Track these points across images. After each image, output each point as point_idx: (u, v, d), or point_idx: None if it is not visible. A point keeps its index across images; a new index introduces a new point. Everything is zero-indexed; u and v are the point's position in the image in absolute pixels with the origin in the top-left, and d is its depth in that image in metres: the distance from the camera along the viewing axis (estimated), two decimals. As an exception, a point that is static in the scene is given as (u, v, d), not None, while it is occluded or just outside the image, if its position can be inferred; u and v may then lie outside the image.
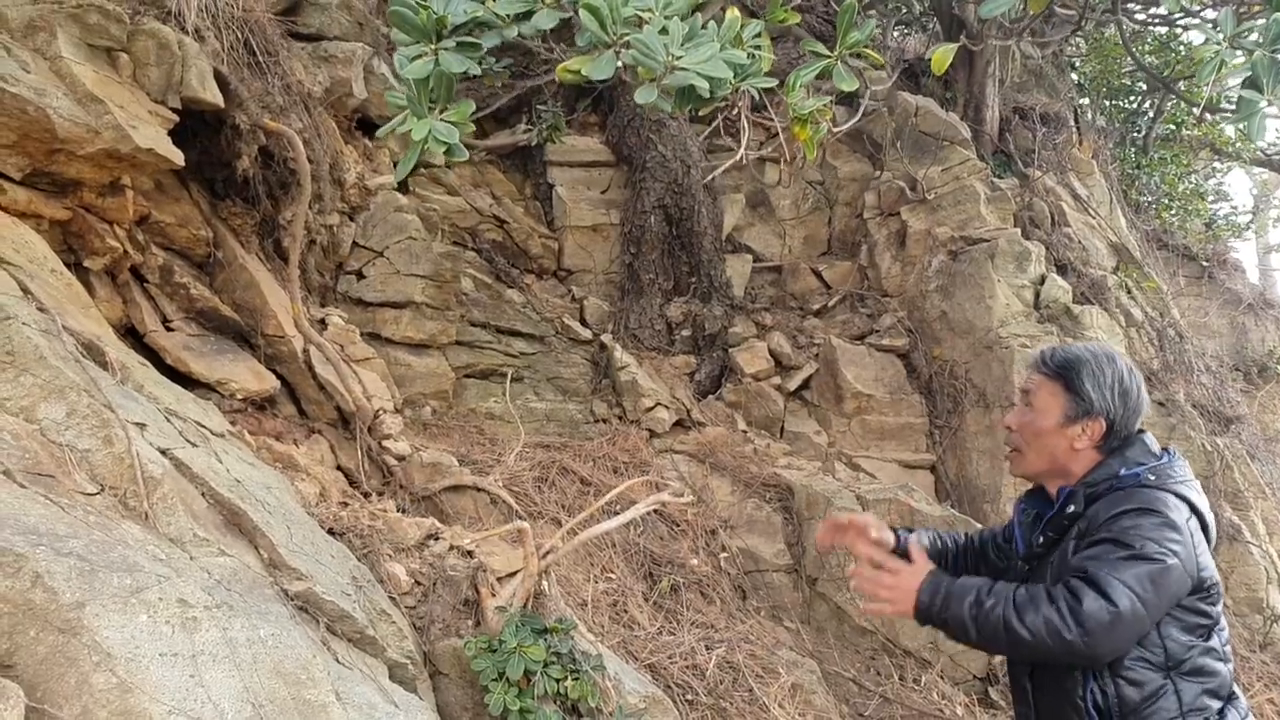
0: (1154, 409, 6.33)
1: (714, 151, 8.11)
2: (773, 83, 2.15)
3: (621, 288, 7.70)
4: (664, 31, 1.88)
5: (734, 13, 2.07)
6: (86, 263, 4.56)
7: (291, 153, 5.01)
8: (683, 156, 7.57)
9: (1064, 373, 2.51)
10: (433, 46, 1.99)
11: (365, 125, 6.85)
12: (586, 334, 7.33)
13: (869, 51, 2.23)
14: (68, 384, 3.24)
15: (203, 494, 3.41)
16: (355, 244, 6.39)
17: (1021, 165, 7.99)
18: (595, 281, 7.78)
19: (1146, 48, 12.86)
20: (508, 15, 2.05)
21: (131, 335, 4.70)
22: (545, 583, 4.02)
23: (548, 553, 3.88)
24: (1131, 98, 12.83)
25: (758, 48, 2.11)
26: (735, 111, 2.55)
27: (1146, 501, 2.29)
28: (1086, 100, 11.95)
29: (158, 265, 4.89)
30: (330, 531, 4.03)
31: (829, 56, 2.25)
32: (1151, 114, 12.66)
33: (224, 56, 4.81)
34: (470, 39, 2.04)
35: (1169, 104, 12.86)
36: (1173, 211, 12.57)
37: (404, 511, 4.80)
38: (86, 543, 2.81)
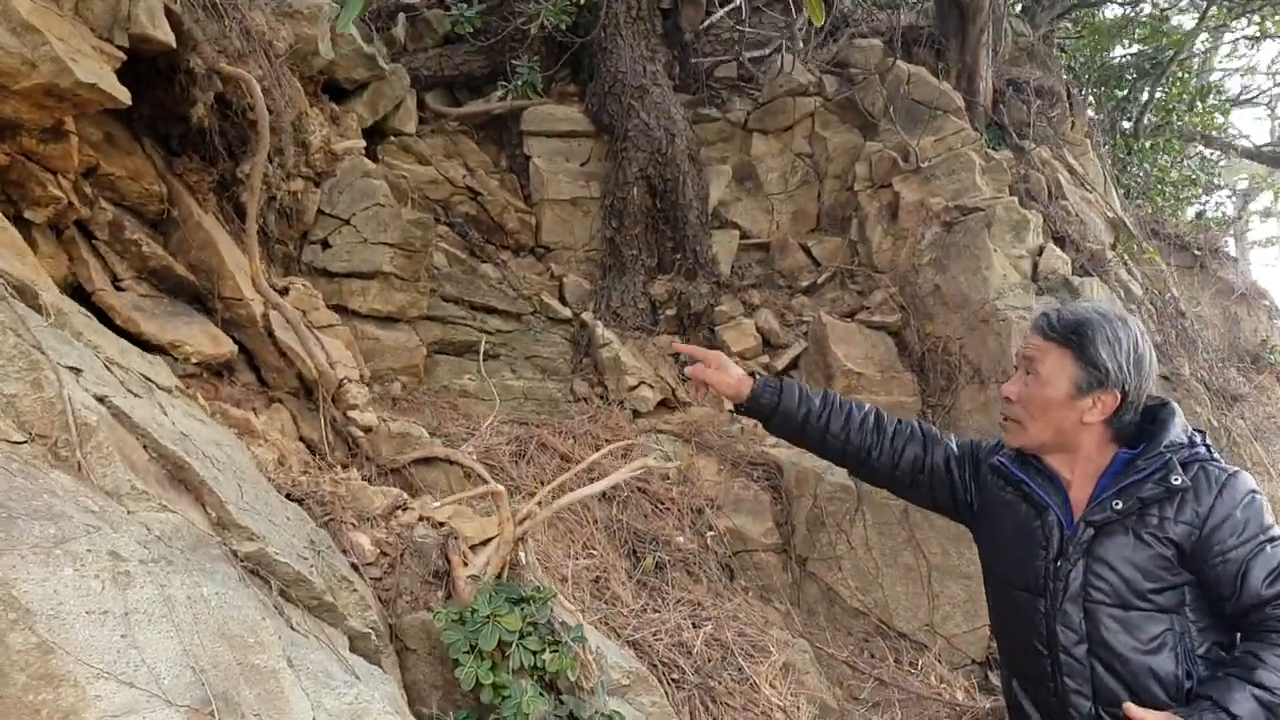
0: (1160, 382, 6.10)
1: (699, 122, 7.84)
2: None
3: (603, 265, 7.41)
4: None
5: None
6: (28, 214, 4.23)
7: (250, 100, 4.69)
8: (666, 124, 7.28)
9: (1075, 338, 2.26)
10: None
11: (332, 90, 6.56)
12: (566, 312, 7.03)
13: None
14: (-9, 322, 2.92)
15: (144, 446, 3.09)
16: (320, 212, 6.07)
17: (1016, 137, 7.77)
18: (575, 258, 7.48)
19: (1138, 34, 12.77)
20: None
21: (78, 295, 4.37)
22: (522, 552, 3.73)
23: (524, 519, 3.59)
24: (1121, 85, 12.71)
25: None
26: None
27: (1250, 486, 2.19)
28: (1077, 86, 11.79)
29: (107, 221, 4.56)
30: (288, 497, 3.72)
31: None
32: (1142, 102, 12.54)
33: (177, -4, 4.49)
34: None
35: (1159, 92, 12.76)
36: (1165, 198, 12.44)
37: (371, 483, 4.48)
38: (6, 489, 2.50)
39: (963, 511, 2.62)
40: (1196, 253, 10.47)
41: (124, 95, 4.05)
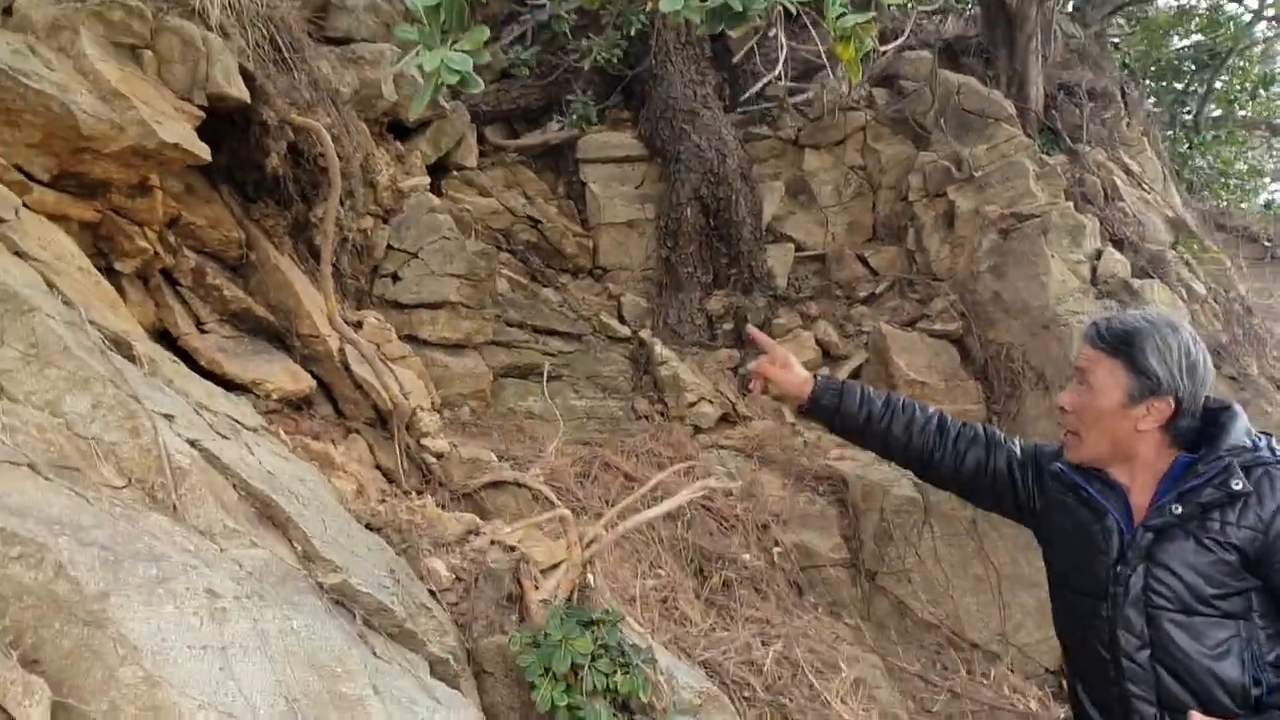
0: (1225, 383, 6.05)
1: (750, 140, 7.94)
2: (810, -7, 1.99)
3: (659, 283, 7.54)
4: (693, -66, 1.74)
5: (768, -77, 1.93)
6: (117, 265, 4.49)
7: (320, 148, 4.92)
8: (718, 145, 7.40)
9: (1124, 347, 2.25)
10: (443, -28, 1.86)
11: (396, 129, 6.78)
12: (625, 331, 7.18)
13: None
14: (93, 375, 3.14)
15: (233, 486, 3.29)
16: (389, 247, 6.30)
17: (1070, 141, 7.74)
18: (632, 278, 7.63)
19: (1193, 25, 12.57)
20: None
21: (165, 339, 4.62)
22: (590, 574, 3.86)
23: (591, 542, 3.72)
24: (1179, 78, 12.51)
25: (795, -39, 1.97)
26: (773, 34, 2.38)
27: None
28: (1133, 82, 11.65)
29: (190, 268, 4.81)
30: (367, 526, 3.90)
31: (872, -31, 2.10)
32: (1201, 93, 12.33)
33: (249, 54, 4.73)
34: (484, -42, 1.91)
35: (1219, 83, 12.53)
36: (1230, 191, 12.21)
37: (444, 509, 4.66)
38: (111, 533, 2.70)
39: (1026, 515, 2.62)
40: (1266, 244, 10.24)
41: (204, 151, 4.29)
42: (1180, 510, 2.19)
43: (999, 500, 2.64)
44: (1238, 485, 2.13)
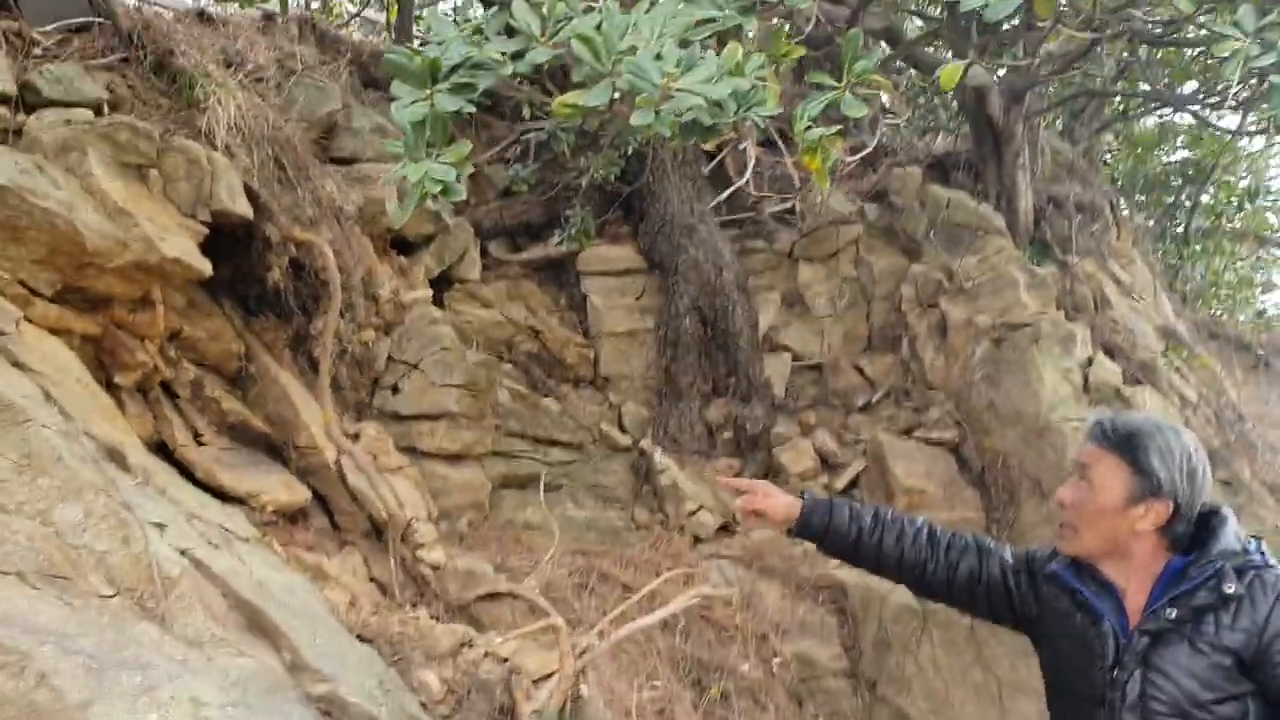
0: (1219, 488, 6.04)
1: (746, 254, 8.09)
2: (776, 110, 2.08)
3: (659, 392, 7.60)
4: (658, 57, 1.83)
5: (734, 44, 2.03)
6: (118, 379, 4.57)
7: (322, 262, 5.05)
8: (714, 258, 7.55)
9: (1128, 446, 2.26)
10: (428, 91, 1.96)
11: (400, 244, 6.93)
12: (625, 440, 7.20)
13: (877, 78, 2.16)
14: (85, 484, 3.18)
15: (223, 594, 3.30)
16: (390, 358, 6.37)
17: (1059, 252, 7.86)
18: (633, 387, 7.69)
19: (1178, 142, 12.90)
20: (503, 54, 2.02)
21: (163, 451, 4.67)
22: (583, 685, 3.83)
23: (583, 651, 3.70)
24: (1168, 191, 12.77)
25: (762, 79, 2.06)
26: (742, 147, 2.48)
27: None
28: (1122, 198, 11.89)
29: (189, 380, 4.89)
30: (359, 638, 3.88)
31: (837, 87, 2.19)
32: (1190, 207, 12.57)
33: (254, 172, 4.89)
34: (466, 80, 2.01)
35: (1206, 195, 12.79)
36: (1221, 300, 12.36)
37: (438, 621, 4.63)
38: (97, 641, 2.71)
39: (1022, 622, 2.59)
40: (1259, 353, 10.30)
41: (205, 267, 4.42)
42: (1174, 614, 2.18)
43: (994, 609, 2.62)
44: (1230, 589, 2.13)
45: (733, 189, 3.54)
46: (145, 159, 4.43)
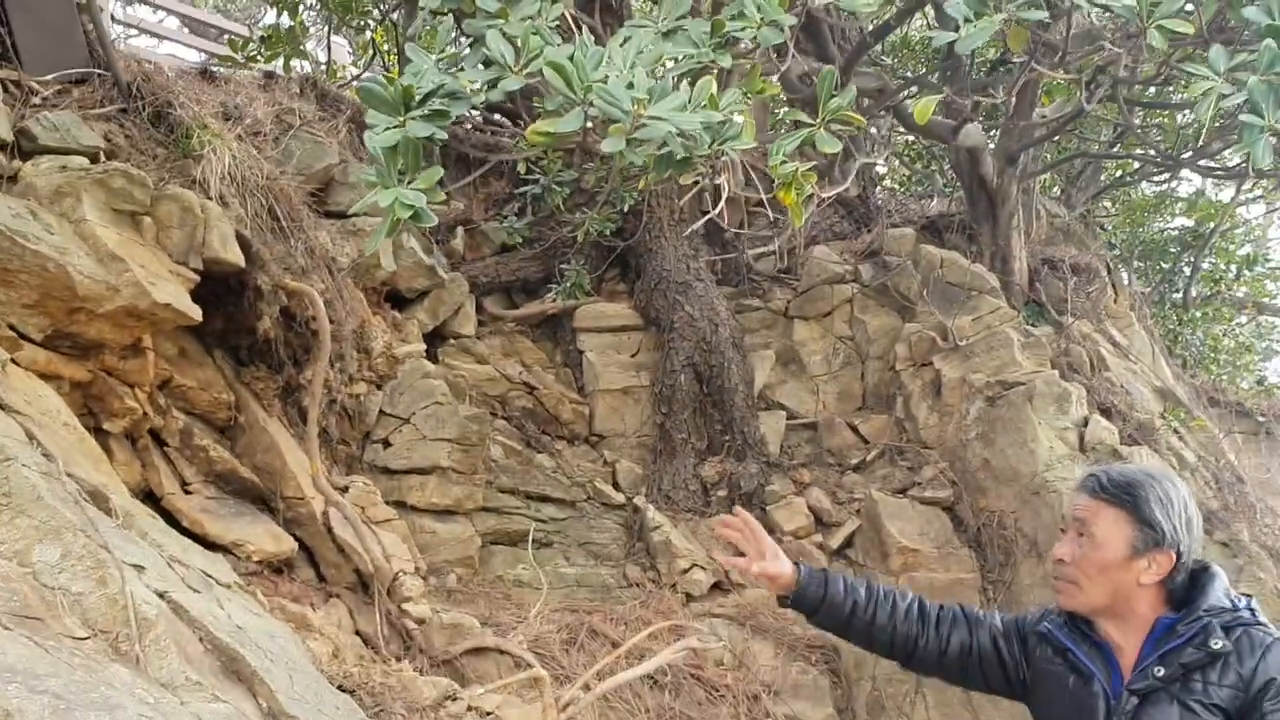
0: (1218, 549, 5.98)
1: (742, 312, 8.11)
2: (750, 144, 2.09)
3: (654, 449, 7.57)
4: (630, 86, 1.85)
5: (708, 78, 2.05)
6: (106, 425, 4.55)
7: (312, 311, 5.05)
8: (710, 315, 7.57)
9: (1128, 498, 2.23)
10: (401, 118, 1.98)
11: (394, 299, 6.96)
12: (619, 498, 7.16)
13: (851, 114, 2.18)
14: (64, 524, 3.15)
15: (200, 638, 3.24)
16: (382, 412, 6.36)
17: (1055, 314, 7.89)
18: (627, 444, 7.66)
19: (1176, 209, 13.02)
20: (476, 83, 2.04)
21: (150, 499, 4.64)
22: (567, 739, 3.75)
23: (567, 705, 3.63)
24: (1166, 258, 12.86)
25: (737, 113, 2.08)
26: (718, 181, 2.49)
27: None
28: (1120, 264, 11.96)
29: (178, 429, 4.87)
30: (340, 688, 3.81)
31: (812, 124, 2.21)
32: (1188, 273, 12.65)
33: (247, 221, 4.93)
34: (440, 107, 2.03)
35: (1205, 262, 12.88)
36: (1220, 366, 12.36)
37: (423, 675, 4.55)
38: (66, 682, 2.65)
39: (1017, 689, 2.54)
40: (1260, 419, 10.27)
41: (195, 313, 4.42)
42: (1162, 672, 2.15)
43: (989, 680, 2.57)
44: (1217, 644, 2.10)
45: (706, 218, 3.54)
46: (139, 206, 4.46)
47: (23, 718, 2.46)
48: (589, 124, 1.90)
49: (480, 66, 2.04)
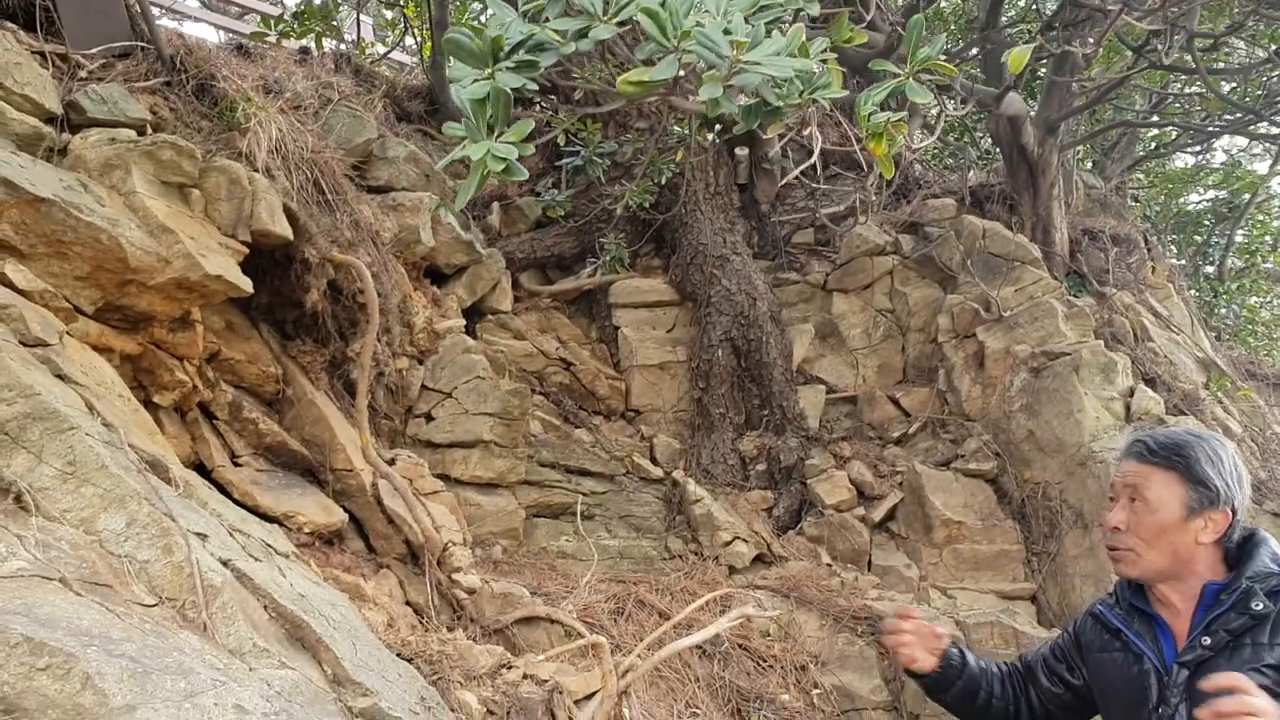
0: (1268, 519, 5.91)
1: (779, 285, 8.07)
2: (842, 93, 2.05)
3: (692, 424, 7.55)
4: (726, 31, 1.81)
5: (798, 25, 2.01)
6: (156, 398, 4.56)
7: (360, 284, 5.04)
8: (748, 289, 7.53)
9: (1180, 459, 2.20)
10: (489, 70, 1.95)
11: (433, 274, 6.95)
12: (658, 472, 7.15)
13: (941, 64, 2.13)
14: (129, 493, 3.15)
15: (264, 606, 3.25)
16: (424, 387, 6.37)
17: (1096, 284, 7.80)
18: (664, 420, 7.65)
19: (1211, 180, 12.85)
20: (565, 32, 2.00)
21: (199, 471, 4.64)
22: (625, 707, 3.74)
23: (626, 671, 3.61)
24: (1200, 230, 12.71)
25: (825, 61, 2.04)
26: (807, 131, 2.43)
27: None
28: (1155, 233, 11.84)
29: (227, 401, 4.88)
30: (398, 656, 3.82)
31: (900, 74, 2.16)
32: (1223, 246, 12.50)
33: (293, 194, 4.91)
34: (528, 58, 1.99)
35: (1239, 236, 12.72)
36: (1257, 338, 12.23)
37: (475, 644, 4.55)
38: (140, 646, 2.66)
39: (1089, 698, 2.51)
40: (1297, 392, 10.14)
41: (246, 284, 4.41)
42: (1209, 641, 2.13)
43: (1069, 710, 2.55)
44: (1259, 607, 2.08)
45: (803, 167, 3.48)
46: (187, 178, 4.45)
47: (102, 681, 2.46)
48: (681, 72, 1.86)
49: (564, 16, 2.01)
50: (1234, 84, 8.29)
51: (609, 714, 3.59)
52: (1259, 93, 9.29)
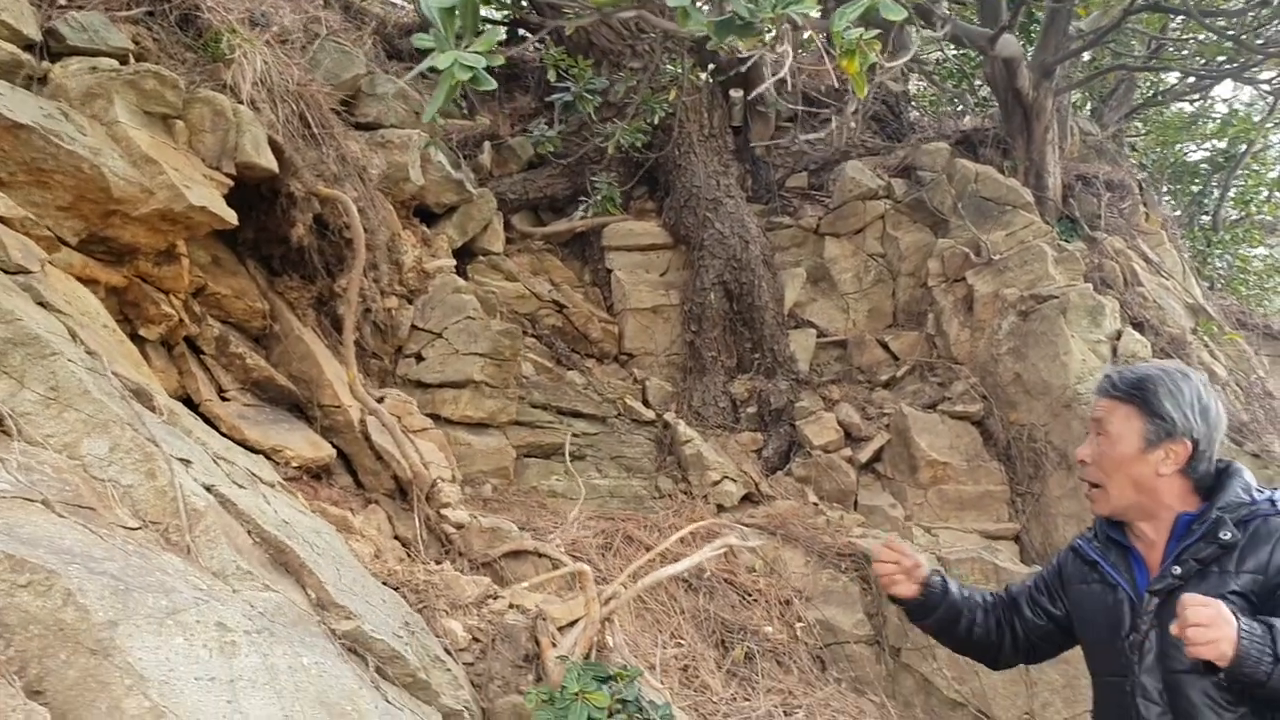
0: (1249, 459, 5.94)
1: (772, 229, 8.05)
2: (815, 9, 2.04)
3: (684, 367, 7.57)
4: (699, -61, 1.80)
5: (772, -63, 2.00)
6: (142, 331, 4.56)
7: (346, 219, 5.03)
8: (740, 233, 7.52)
9: (1138, 393, 2.26)
10: (458, -21, 1.94)
11: (423, 214, 6.92)
12: (649, 414, 7.18)
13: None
14: (111, 418, 3.16)
15: (248, 531, 3.28)
16: (414, 327, 6.37)
17: (1088, 229, 7.79)
18: (657, 363, 7.67)
19: (1209, 129, 12.78)
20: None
21: (187, 406, 4.66)
22: (609, 634, 3.79)
23: (610, 599, 3.66)
24: (1196, 180, 12.68)
25: (799, -25, 2.04)
26: (780, 49, 2.43)
27: None
28: (1150, 182, 11.79)
29: (213, 336, 4.88)
30: (384, 584, 3.86)
31: (875, -10, 2.16)
32: (1218, 195, 12.48)
33: (279, 128, 4.88)
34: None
35: (1234, 186, 12.69)
36: (1249, 288, 12.25)
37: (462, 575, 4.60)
38: (123, 565, 2.69)
39: (1071, 629, 2.57)
40: (1287, 341, 10.18)
41: (231, 216, 4.40)
42: (1179, 570, 2.19)
43: (1053, 641, 2.62)
44: (1227, 536, 2.14)
45: (765, 86, 3.46)
46: (171, 109, 4.41)
47: (84, 597, 2.49)
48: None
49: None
50: (1230, 28, 8.21)
51: (591, 640, 3.64)
52: (1258, 40, 9.22)
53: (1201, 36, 9.20)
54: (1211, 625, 1.89)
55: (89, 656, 2.42)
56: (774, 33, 2.00)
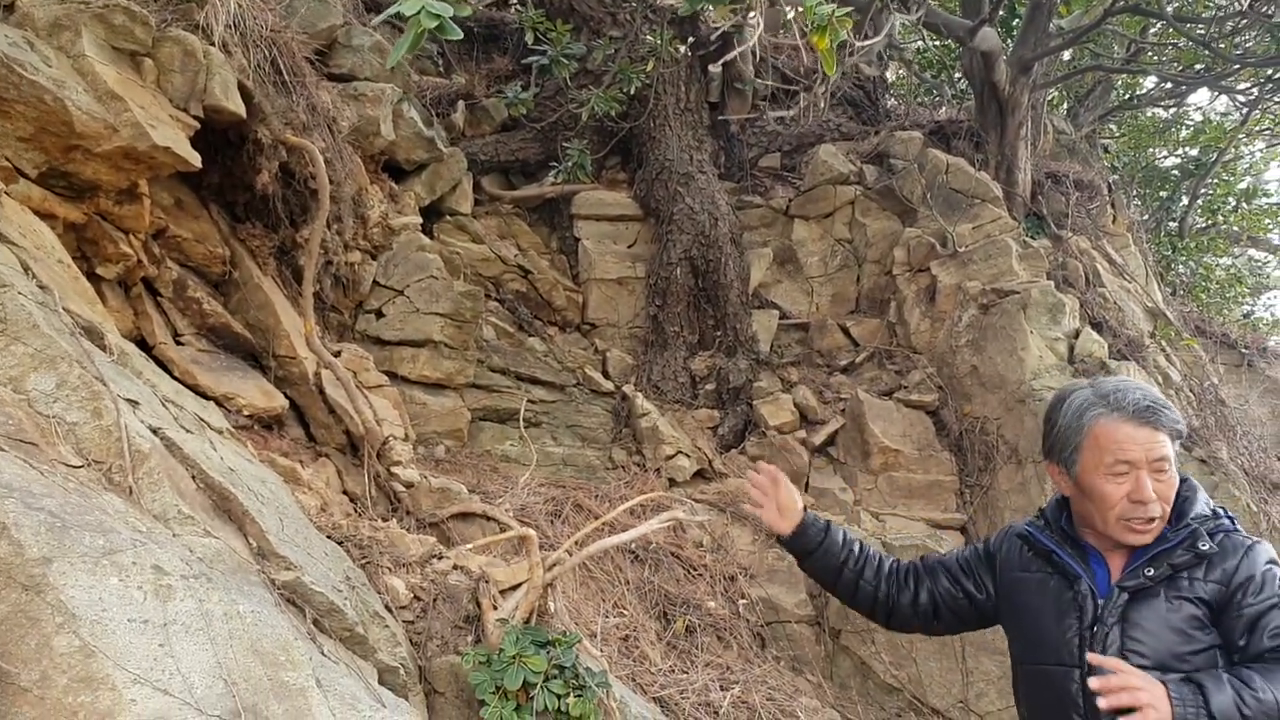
0: (1195, 465, 6.06)
1: (742, 208, 8.05)
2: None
3: (645, 341, 7.57)
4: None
5: (749, -90, 2.00)
6: (99, 270, 4.50)
7: (312, 169, 4.97)
8: (710, 209, 7.51)
9: (1171, 424, 2.37)
10: (428, -75, 1.92)
11: (392, 170, 6.86)
12: (608, 385, 7.19)
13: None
14: (60, 354, 3.13)
15: (192, 476, 3.26)
16: (376, 283, 6.33)
17: (1054, 227, 7.86)
18: (619, 335, 7.67)
19: (1182, 135, 12.92)
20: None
21: (141, 347, 4.61)
22: (550, 599, 3.81)
23: (554, 565, 3.68)
24: (1166, 185, 12.83)
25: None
26: (752, 16, 2.42)
27: (1271, 555, 2.31)
28: (1120, 185, 11.90)
29: (172, 279, 4.83)
30: (328, 539, 3.85)
31: (847, -31, 2.16)
32: (1186, 202, 12.64)
33: (249, 73, 4.80)
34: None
35: (1203, 193, 12.85)
36: (1210, 296, 12.43)
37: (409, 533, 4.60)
38: (61, 503, 2.66)
39: (988, 615, 2.71)
40: (1244, 351, 10.36)
41: (195, 158, 4.34)
42: (1153, 572, 2.30)
43: (961, 618, 2.75)
44: (1205, 546, 2.27)
45: (733, 54, 3.46)
46: (140, 45, 4.33)
47: (19, 531, 2.47)
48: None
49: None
50: (1205, 33, 8.27)
51: (533, 605, 3.66)
52: (1235, 50, 9.30)
53: (1180, 43, 9.28)
54: (1153, 703, 2.02)
55: (21, 592, 2.40)
56: (745, 2, 2.00)
